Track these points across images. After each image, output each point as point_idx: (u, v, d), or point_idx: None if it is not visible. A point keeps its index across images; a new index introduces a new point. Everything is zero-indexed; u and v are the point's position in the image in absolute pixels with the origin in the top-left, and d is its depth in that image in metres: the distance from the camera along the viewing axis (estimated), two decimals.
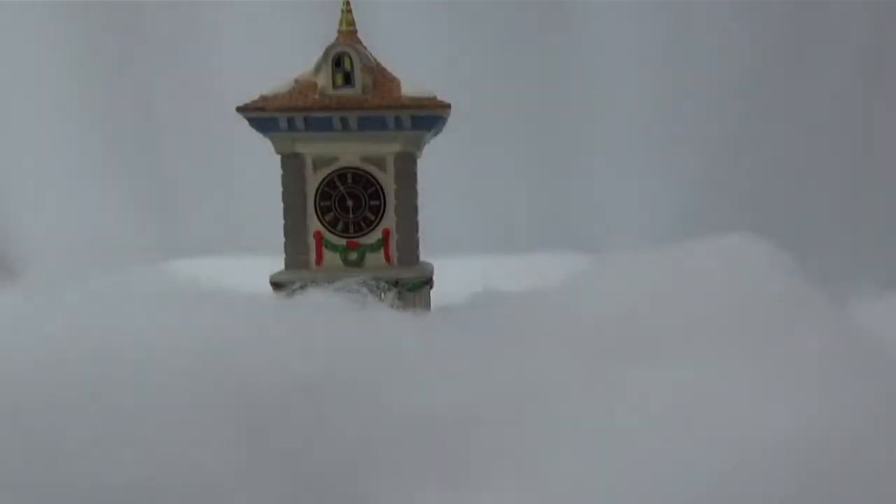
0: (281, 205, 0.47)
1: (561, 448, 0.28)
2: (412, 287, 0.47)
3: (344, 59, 0.46)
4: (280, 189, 0.47)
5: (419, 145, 0.47)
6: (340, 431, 0.27)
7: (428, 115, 0.46)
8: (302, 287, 0.39)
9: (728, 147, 0.96)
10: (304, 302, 0.37)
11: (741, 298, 0.38)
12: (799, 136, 0.93)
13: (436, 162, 0.52)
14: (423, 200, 0.48)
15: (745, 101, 0.95)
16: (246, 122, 0.46)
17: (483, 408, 0.30)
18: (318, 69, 0.46)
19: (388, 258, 0.47)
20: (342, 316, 0.35)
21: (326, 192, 0.47)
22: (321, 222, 0.47)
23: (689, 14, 0.94)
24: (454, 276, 0.53)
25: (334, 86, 0.46)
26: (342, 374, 0.30)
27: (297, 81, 0.46)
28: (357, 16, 0.48)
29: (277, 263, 0.48)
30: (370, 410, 0.28)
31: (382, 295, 0.40)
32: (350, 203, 0.47)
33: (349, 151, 0.47)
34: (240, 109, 0.46)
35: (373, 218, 0.47)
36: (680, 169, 0.97)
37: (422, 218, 0.48)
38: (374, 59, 0.47)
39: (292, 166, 0.47)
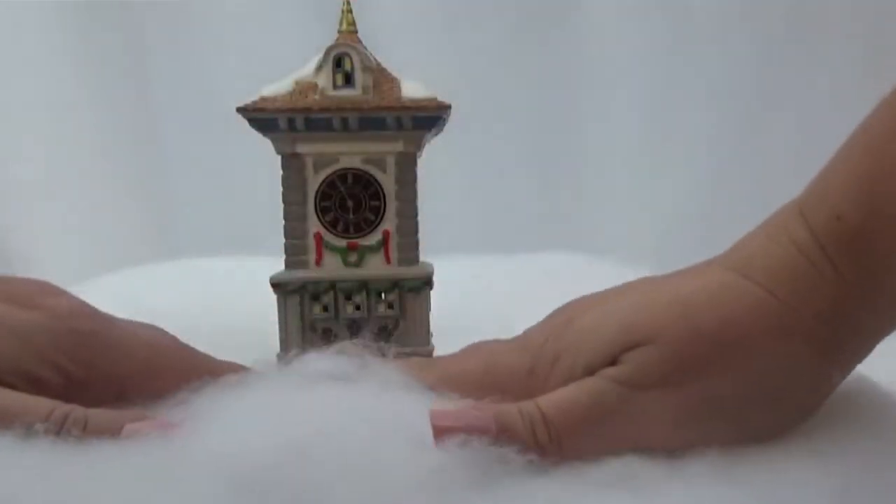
0: (281, 205, 0.47)
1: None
2: (412, 288, 0.47)
3: (344, 60, 0.46)
4: (280, 189, 0.47)
5: (419, 146, 0.47)
6: (335, 495, 0.27)
7: (428, 116, 0.46)
8: (297, 355, 0.39)
9: (729, 148, 0.95)
10: (303, 371, 0.38)
11: None
12: (800, 136, 0.93)
13: (436, 162, 0.52)
14: (422, 200, 0.48)
15: (745, 101, 0.95)
16: (246, 123, 0.46)
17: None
18: (318, 69, 0.46)
19: (388, 259, 0.47)
20: (343, 388, 0.35)
21: (327, 192, 0.47)
22: (321, 223, 0.47)
23: (690, 14, 0.94)
24: (454, 276, 0.53)
25: (334, 86, 0.46)
26: (340, 439, 0.30)
27: (297, 82, 0.46)
28: (357, 16, 0.48)
29: (277, 263, 0.48)
30: (368, 472, 0.28)
31: (384, 353, 0.40)
32: (350, 204, 0.47)
33: (350, 152, 0.47)
34: (240, 110, 0.46)
35: (373, 219, 0.47)
36: (680, 169, 0.97)
37: (422, 218, 0.48)
38: (375, 60, 0.47)
39: (293, 167, 0.47)
